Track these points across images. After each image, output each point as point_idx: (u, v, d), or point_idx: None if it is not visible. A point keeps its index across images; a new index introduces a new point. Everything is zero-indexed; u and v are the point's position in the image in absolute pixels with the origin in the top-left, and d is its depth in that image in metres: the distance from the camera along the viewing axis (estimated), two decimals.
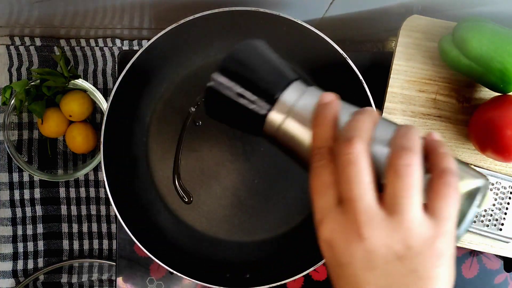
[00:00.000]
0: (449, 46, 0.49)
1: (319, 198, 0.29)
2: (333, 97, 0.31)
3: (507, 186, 0.53)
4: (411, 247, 0.27)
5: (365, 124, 0.29)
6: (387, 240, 0.27)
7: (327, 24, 0.63)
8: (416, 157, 0.28)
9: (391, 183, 0.27)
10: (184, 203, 0.55)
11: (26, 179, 0.73)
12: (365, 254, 0.27)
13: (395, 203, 0.27)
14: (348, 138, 0.28)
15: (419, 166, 0.28)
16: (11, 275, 0.73)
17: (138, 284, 0.58)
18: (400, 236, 0.27)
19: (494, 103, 0.50)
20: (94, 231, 0.75)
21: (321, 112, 0.30)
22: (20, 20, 0.63)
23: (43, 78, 0.65)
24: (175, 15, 0.53)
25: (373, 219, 0.27)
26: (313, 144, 0.30)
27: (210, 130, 0.54)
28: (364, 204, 0.27)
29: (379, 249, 0.27)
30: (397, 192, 0.27)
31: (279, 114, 0.30)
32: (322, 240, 0.29)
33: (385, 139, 0.29)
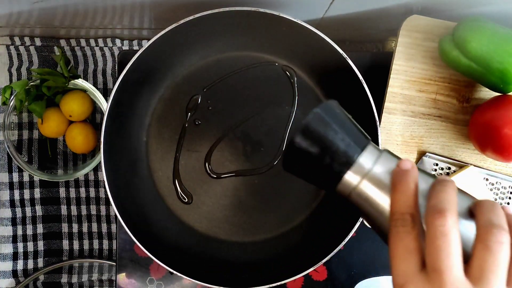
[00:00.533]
0: (449, 46, 0.49)
1: (401, 262, 0.30)
2: (412, 164, 0.32)
3: (507, 186, 0.53)
4: None
5: (452, 197, 0.30)
6: None
7: (327, 24, 0.63)
8: (507, 236, 0.29)
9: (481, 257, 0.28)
10: (184, 204, 0.55)
11: (26, 179, 0.73)
12: None
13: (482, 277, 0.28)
14: (440, 210, 0.29)
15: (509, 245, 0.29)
16: (11, 275, 0.73)
17: (138, 284, 0.58)
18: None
19: (494, 103, 0.50)
20: (94, 231, 0.75)
21: (402, 179, 0.31)
22: (20, 20, 0.63)
23: (43, 78, 0.65)
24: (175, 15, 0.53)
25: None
26: (394, 209, 0.31)
27: (210, 130, 0.54)
28: (453, 276, 0.28)
29: None
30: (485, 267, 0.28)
31: (356, 176, 0.31)
32: None
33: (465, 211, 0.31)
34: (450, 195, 0.30)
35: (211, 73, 0.54)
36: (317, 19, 0.62)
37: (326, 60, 0.51)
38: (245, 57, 0.54)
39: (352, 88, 0.50)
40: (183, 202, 0.55)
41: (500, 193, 0.53)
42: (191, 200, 0.55)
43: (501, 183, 0.53)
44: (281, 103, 0.54)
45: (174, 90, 0.54)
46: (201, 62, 0.54)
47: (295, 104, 0.55)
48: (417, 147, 0.54)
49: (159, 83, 0.54)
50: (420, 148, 0.54)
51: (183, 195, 0.55)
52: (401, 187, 0.31)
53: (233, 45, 0.53)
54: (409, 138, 0.54)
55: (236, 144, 0.54)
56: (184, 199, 0.55)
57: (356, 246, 0.58)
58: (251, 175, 0.55)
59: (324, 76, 0.54)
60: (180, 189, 0.55)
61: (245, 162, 0.55)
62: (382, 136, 0.53)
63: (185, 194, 0.55)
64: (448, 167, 0.54)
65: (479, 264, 0.28)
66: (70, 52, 0.71)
